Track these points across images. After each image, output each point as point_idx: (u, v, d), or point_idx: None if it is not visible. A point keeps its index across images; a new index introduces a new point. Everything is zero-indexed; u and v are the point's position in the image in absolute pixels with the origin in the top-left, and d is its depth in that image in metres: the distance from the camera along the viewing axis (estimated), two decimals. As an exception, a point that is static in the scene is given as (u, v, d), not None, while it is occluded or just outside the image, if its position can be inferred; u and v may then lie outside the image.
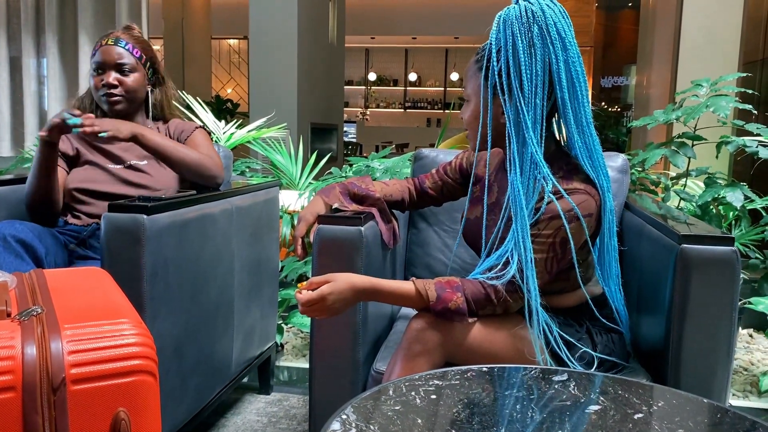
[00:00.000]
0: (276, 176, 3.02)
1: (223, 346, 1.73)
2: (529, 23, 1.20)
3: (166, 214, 1.41)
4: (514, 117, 1.23)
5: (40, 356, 0.84)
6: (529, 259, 1.20)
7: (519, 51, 1.20)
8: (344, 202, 1.49)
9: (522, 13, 1.21)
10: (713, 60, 3.59)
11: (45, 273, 1.15)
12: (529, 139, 1.22)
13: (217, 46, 10.41)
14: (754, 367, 2.42)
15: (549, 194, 1.21)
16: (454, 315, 1.21)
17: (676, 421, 0.86)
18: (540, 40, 1.20)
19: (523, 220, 1.21)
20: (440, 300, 1.20)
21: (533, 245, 1.21)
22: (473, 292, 1.22)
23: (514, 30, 1.21)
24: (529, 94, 1.21)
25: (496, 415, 0.86)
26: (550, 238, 1.22)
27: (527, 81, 1.21)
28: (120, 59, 1.78)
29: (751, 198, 2.28)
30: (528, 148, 1.22)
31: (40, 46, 3.81)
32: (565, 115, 1.25)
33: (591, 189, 1.24)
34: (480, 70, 1.28)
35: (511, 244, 1.22)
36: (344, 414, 0.83)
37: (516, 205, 1.22)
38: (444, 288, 1.22)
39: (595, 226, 1.28)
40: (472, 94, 1.31)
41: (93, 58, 1.80)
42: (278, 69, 4.52)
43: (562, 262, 1.25)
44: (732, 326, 1.22)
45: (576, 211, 1.20)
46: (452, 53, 11.45)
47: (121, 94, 1.79)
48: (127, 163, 1.82)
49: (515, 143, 1.23)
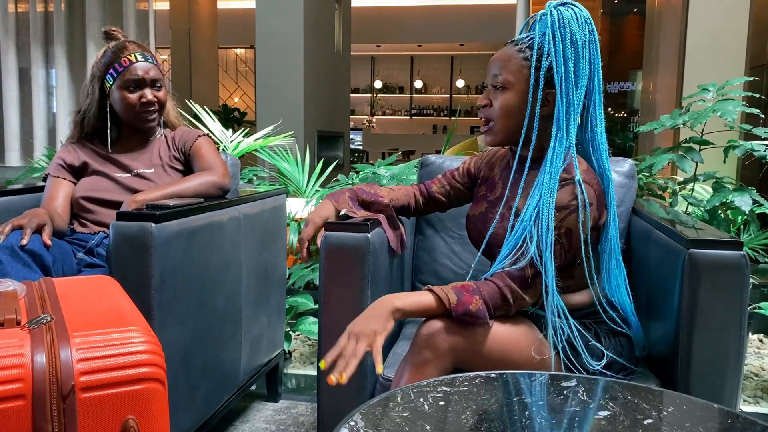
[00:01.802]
0: (283, 184, 3.03)
1: (231, 353, 1.73)
2: (582, 27, 1.28)
3: (174, 222, 1.41)
4: (565, 108, 1.28)
5: (50, 364, 0.84)
6: (551, 242, 1.22)
7: (577, 46, 1.27)
8: (353, 207, 1.49)
9: (577, 17, 1.28)
10: (719, 64, 3.58)
11: (54, 281, 1.16)
12: (573, 132, 1.28)
13: (224, 55, 10.45)
14: (764, 373, 2.40)
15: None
16: (476, 318, 1.21)
17: (686, 426, 0.86)
18: (590, 45, 1.28)
19: (551, 205, 1.23)
20: (461, 303, 1.21)
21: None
22: (490, 294, 1.22)
23: (572, 28, 1.27)
24: (580, 91, 1.28)
25: (505, 421, 0.86)
26: (556, 228, 1.24)
27: (581, 78, 1.28)
28: (155, 75, 1.81)
29: (759, 202, 2.27)
30: (569, 140, 1.28)
31: (49, 57, 3.85)
32: (592, 115, 1.32)
33: (591, 178, 1.29)
34: (526, 59, 1.30)
35: (532, 224, 1.24)
36: (352, 421, 0.83)
37: (548, 189, 1.24)
38: (462, 292, 1.22)
39: (598, 217, 1.29)
40: (512, 82, 1.31)
41: (123, 74, 1.78)
42: (285, 77, 4.54)
43: (569, 254, 1.27)
44: (742, 331, 1.21)
45: (578, 200, 1.24)
46: (458, 60, 11.46)
47: (156, 110, 1.84)
48: (135, 171, 1.83)
49: (564, 134, 1.28)
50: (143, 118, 1.82)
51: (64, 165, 1.86)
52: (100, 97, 1.84)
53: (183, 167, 1.89)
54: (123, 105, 1.81)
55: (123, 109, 1.82)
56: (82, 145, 1.89)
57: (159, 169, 1.85)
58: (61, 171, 1.86)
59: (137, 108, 1.80)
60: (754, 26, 3.69)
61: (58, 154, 1.89)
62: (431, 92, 11.69)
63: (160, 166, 1.86)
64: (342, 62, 5.63)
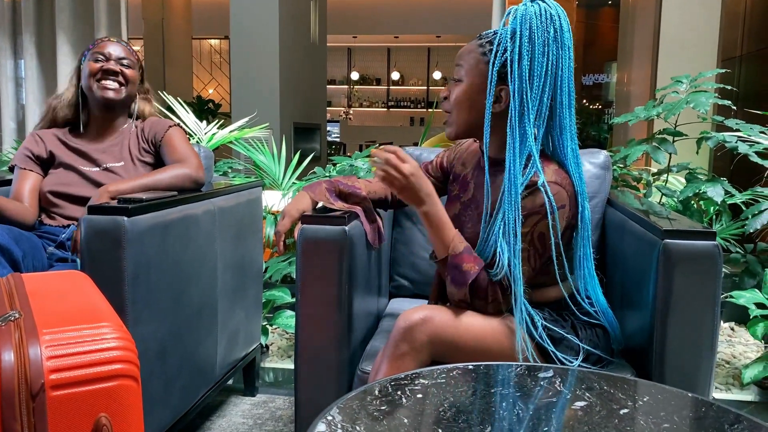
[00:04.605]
0: (259, 176, 3.00)
1: (207, 348, 1.71)
2: (546, 24, 1.23)
3: (147, 215, 1.39)
4: (518, 108, 1.24)
5: (18, 362, 0.82)
6: (518, 249, 1.22)
7: (535, 45, 1.23)
8: (330, 198, 1.47)
9: (541, 13, 1.24)
10: (692, 56, 3.62)
11: (23, 277, 1.13)
12: (530, 134, 1.24)
13: (198, 46, 10.33)
14: (735, 360, 2.45)
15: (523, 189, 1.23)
16: (461, 276, 1.24)
17: (661, 415, 0.86)
18: (554, 43, 1.24)
19: (517, 212, 1.22)
20: (460, 256, 1.25)
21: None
22: (482, 279, 1.24)
23: (532, 25, 1.23)
24: (536, 90, 1.24)
25: (483, 413, 0.86)
26: (528, 234, 1.23)
27: (537, 77, 1.23)
28: (123, 54, 1.82)
29: (731, 193, 2.31)
30: (526, 143, 1.24)
31: (17, 47, 3.76)
32: (560, 118, 1.27)
33: (563, 179, 1.26)
34: (484, 54, 1.28)
35: (500, 235, 1.23)
36: (330, 415, 0.82)
37: (511, 196, 1.23)
38: (471, 253, 1.26)
39: (571, 217, 1.29)
40: (467, 75, 1.31)
41: (92, 51, 1.81)
42: (260, 69, 4.50)
43: (543, 257, 1.26)
44: (715, 320, 1.23)
45: (551, 203, 1.22)
46: (434, 52, 11.46)
47: (120, 82, 1.81)
48: (104, 165, 1.80)
49: (517, 135, 1.24)
50: (102, 86, 1.78)
51: (31, 156, 1.82)
52: (75, 80, 1.85)
53: (153, 160, 1.86)
54: (87, 73, 1.80)
55: (86, 79, 1.80)
56: (50, 134, 1.85)
57: (128, 163, 1.81)
58: (28, 162, 1.82)
59: (98, 75, 1.78)
60: (726, 18, 3.74)
61: (25, 144, 1.85)
62: (408, 84, 11.69)
63: (130, 160, 1.83)
64: (318, 53, 5.59)
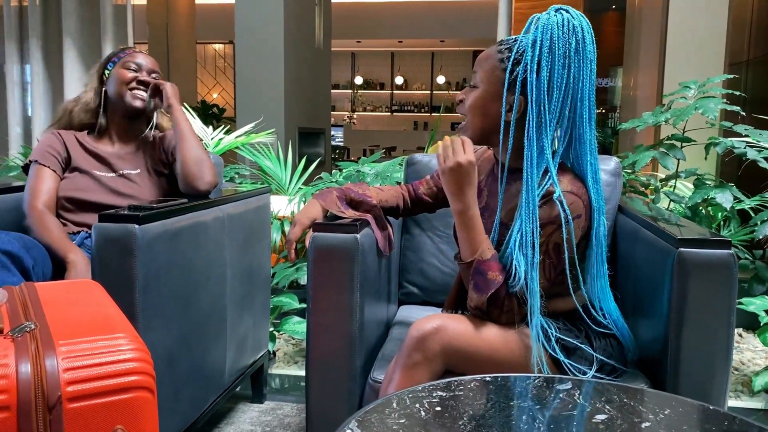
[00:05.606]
0: (265, 182, 2.99)
1: (216, 355, 1.70)
2: (568, 35, 1.21)
3: (157, 223, 1.38)
4: (536, 119, 1.22)
5: (35, 374, 0.82)
6: (537, 262, 1.20)
7: (555, 55, 1.20)
8: (341, 207, 1.47)
9: (564, 23, 1.21)
10: (699, 61, 3.61)
11: (36, 286, 1.13)
12: (547, 146, 1.22)
13: (203, 50, 10.35)
14: (744, 367, 2.43)
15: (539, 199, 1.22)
16: (485, 284, 1.22)
17: (683, 429, 0.86)
18: (575, 55, 1.21)
19: (535, 224, 1.21)
20: (487, 263, 1.23)
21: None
22: (502, 289, 1.23)
23: (553, 35, 1.20)
24: (555, 102, 1.21)
25: (503, 426, 0.85)
26: (543, 245, 1.22)
27: (557, 89, 1.21)
28: (153, 67, 1.86)
29: (740, 198, 2.30)
30: (544, 156, 1.22)
31: (24, 52, 3.77)
32: (580, 131, 1.25)
33: (579, 189, 1.24)
34: (501, 61, 1.27)
35: (516, 247, 1.22)
36: (348, 428, 0.82)
37: (528, 208, 1.22)
38: (498, 262, 1.24)
39: (587, 227, 1.28)
40: (482, 82, 1.29)
41: (123, 60, 1.83)
42: (265, 73, 4.49)
43: (558, 267, 1.25)
44: (730, 330, 1.22)
45: (566, 213, 1.21)
46: (438, 56, 11.46)
47: (148, 94, 1.83)
48: (120, 171, 1.79)
49: (534, 147, 1.22)
50: (134, 95, 1.80)
51: (52, 152, 1.77)
52: (98, 84, 1.84)
53: (167, 172, 1.86)
54: (117, 80, 1.80)
55: (116, 85, 1.80)
56: (70, 134, 1.83)
57: (144, 172, 1.81)
58: (48, 158, 1.76)
59: (132, 83, 1.79)
60: (733, 23, 3.73)
61: (45, 140, 1.80)
62: (412, 88, 11.69)
63: (145, 169, 1.83)
64: (322, 58, 5.59)
